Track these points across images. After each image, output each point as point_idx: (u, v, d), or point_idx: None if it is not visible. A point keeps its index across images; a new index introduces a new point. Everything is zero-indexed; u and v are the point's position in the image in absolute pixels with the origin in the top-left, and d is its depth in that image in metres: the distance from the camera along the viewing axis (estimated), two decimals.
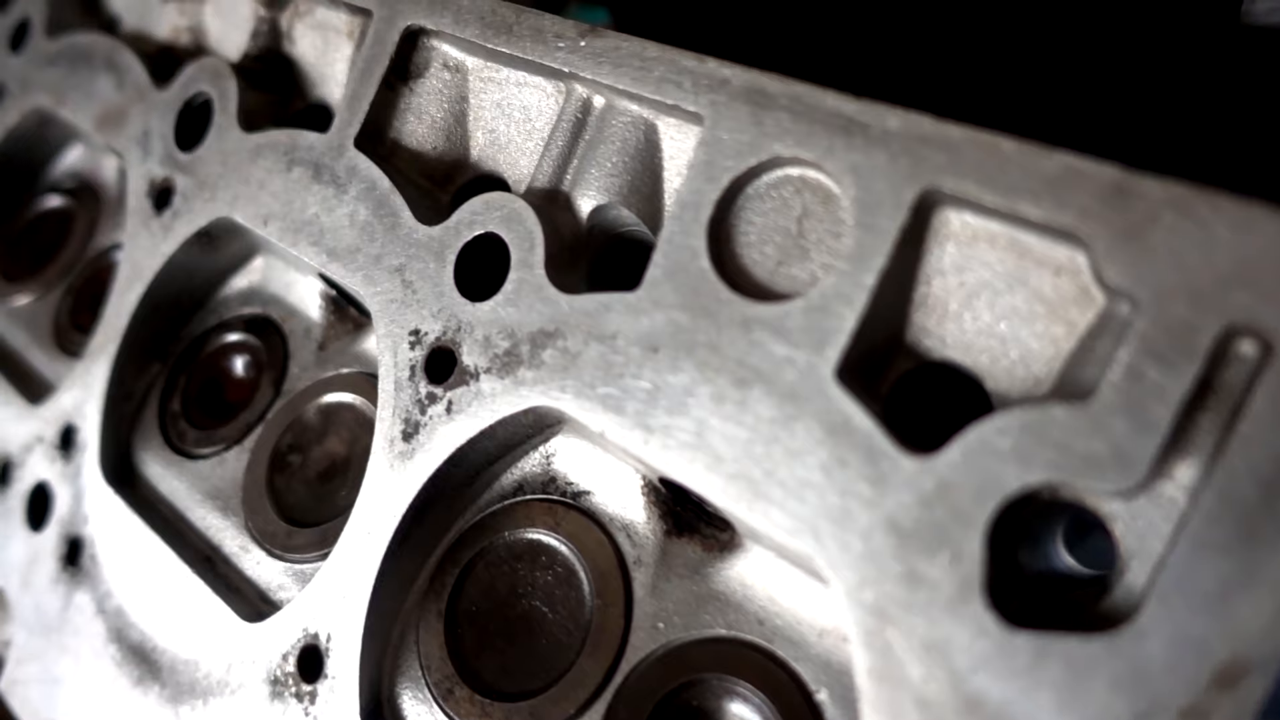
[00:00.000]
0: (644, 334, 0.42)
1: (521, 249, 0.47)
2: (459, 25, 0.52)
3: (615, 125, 0.48)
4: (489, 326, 0.47)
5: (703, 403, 0.40)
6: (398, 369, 0.50)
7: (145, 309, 0.64)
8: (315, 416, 0.59)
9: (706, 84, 0.43)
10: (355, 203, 0.54)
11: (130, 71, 0.69)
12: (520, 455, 0.50)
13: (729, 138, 0.42)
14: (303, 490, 0.57)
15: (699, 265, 0.42)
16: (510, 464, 0.50)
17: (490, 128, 0.55)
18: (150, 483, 0.63)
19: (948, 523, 0.34)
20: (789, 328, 0.39)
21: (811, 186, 0.41)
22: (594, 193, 0.48)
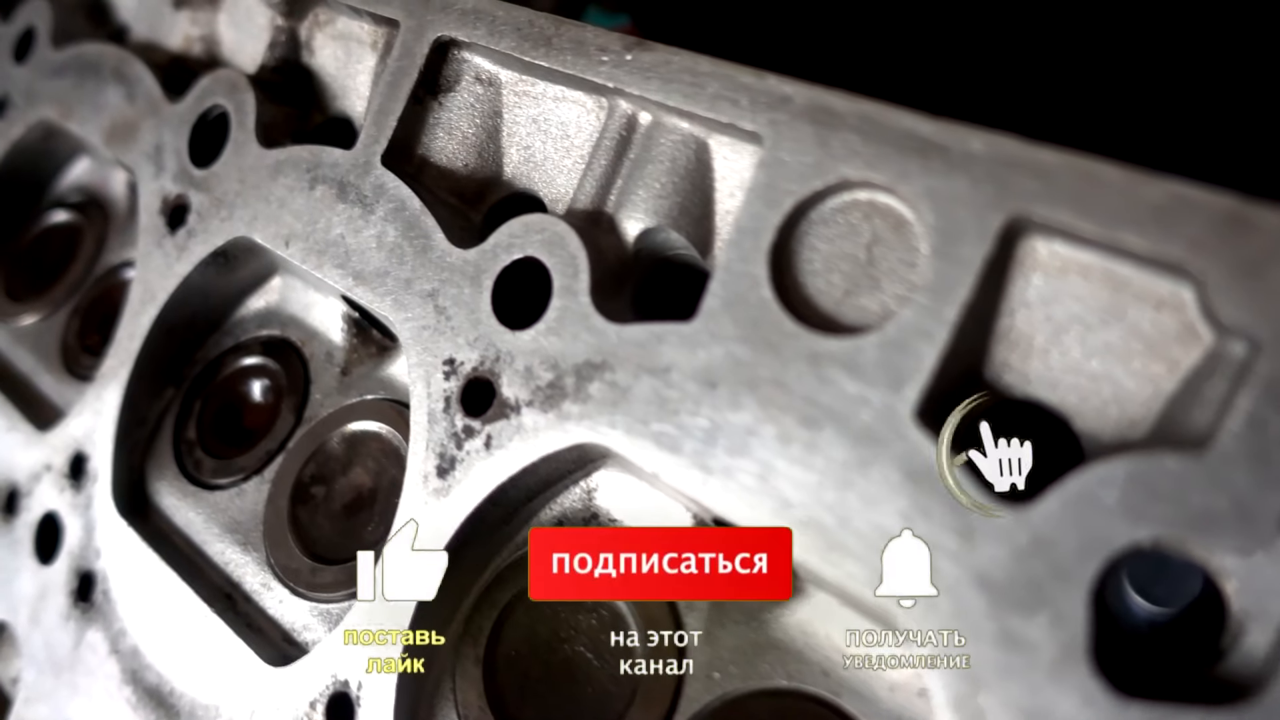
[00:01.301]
0: (701, 368, 0.40)
1: (565, 275, 0.44)
2: (493, 37, 0.50)
3: (663, 144, 0.45)
4: (530, 357, 0.45)
5: (767, 443, 0.38)
6: (431, 400, 0.47)
7: (159, 332, 0.61)
8: (339, 446, 0.56)
9: (766, 102, 0.40)
10: (383, 223, 0.51)
11: (141, 83, 0.67)
12: (561, 490, 0.47)
13: (792, 159, 0.39)
14: (327, 524, 0.55)
15: (761, 295, 0.39)
16: (550, 499, 0.48)
17: (525, 144, 0.52)
18: (165, 514, 0.60)
19: (1047, 580, 0.31)
20: (863, 364, 0.36)
21: (882, 212, 0.38)
22: (641, 215, 0.46)
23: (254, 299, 0.64)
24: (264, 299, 0.64)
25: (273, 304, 0.63)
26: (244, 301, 0.64)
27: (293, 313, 0.62)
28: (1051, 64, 0.83)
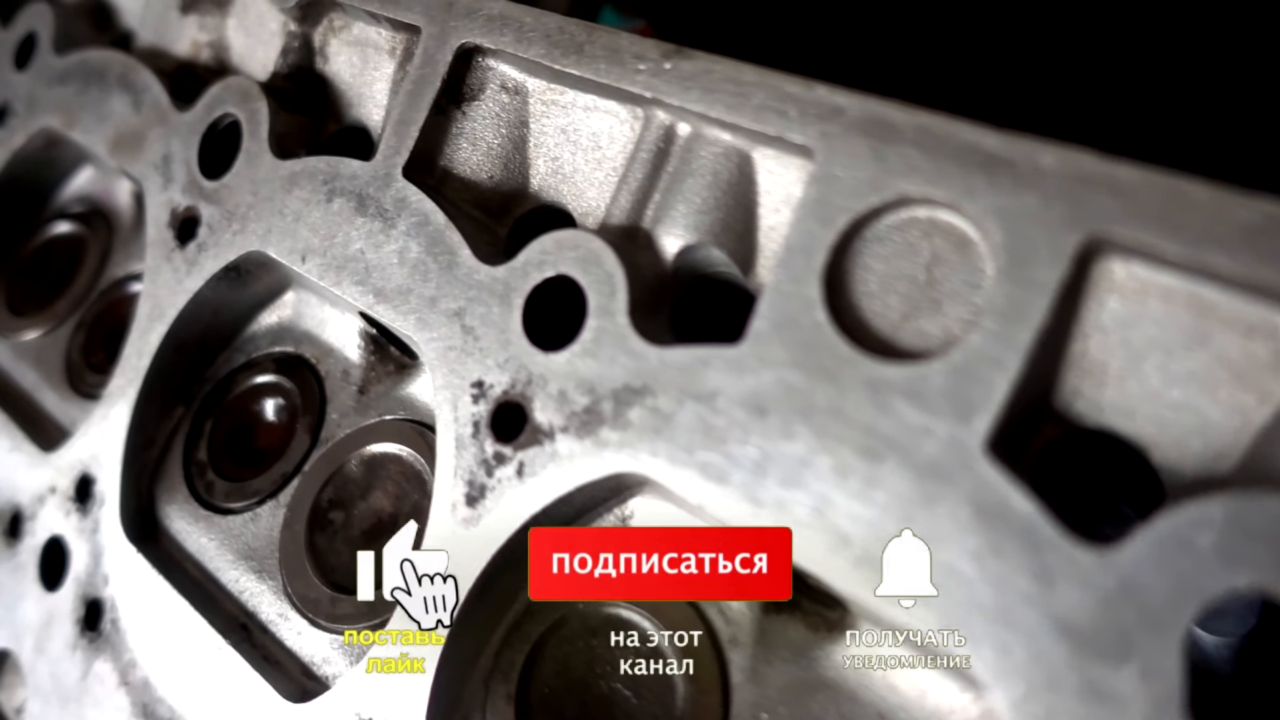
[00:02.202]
0: (750, 394, 0.38)
1: (601, 294, 0.42)
2: (521, 44, 0.48)
3: (704, 156, 0.43)
4: (564, 380, 0.42)
5: (823, 475, 0.35)
6: (459, 424, 0.45)
7: (168, 349, 0.59)
8: (358, 469, 0.54)
9: (816, 113, 0.38)
10: (405, 238, 0.49)
11: (148, 91, 0.64)
12: (594, 518, 0.45)
13: (846, 174, 0.37)
14: (346, 552, 0.52)
15: (814, 318, 0.37)
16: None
17: (553, 155, 0.50)
18: (176, 539, 0.58)
19: (1135, 629, 0.29)
20: (927, 392, 0.34)
21: (943, 230, 0.36)
22: (680, 230, 0.43)
23: (266, 314, 0.62)
24: (276, 314, 0.61)
25: (286, 320, 0.61)
26: (256, 317, 0.62)
27: (307, 329, 0.60)
28: (1076, 65, 0.81)
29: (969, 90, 0.77)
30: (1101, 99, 0.76)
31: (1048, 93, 0.72)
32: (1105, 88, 0.76)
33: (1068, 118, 0.71)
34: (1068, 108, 0.72)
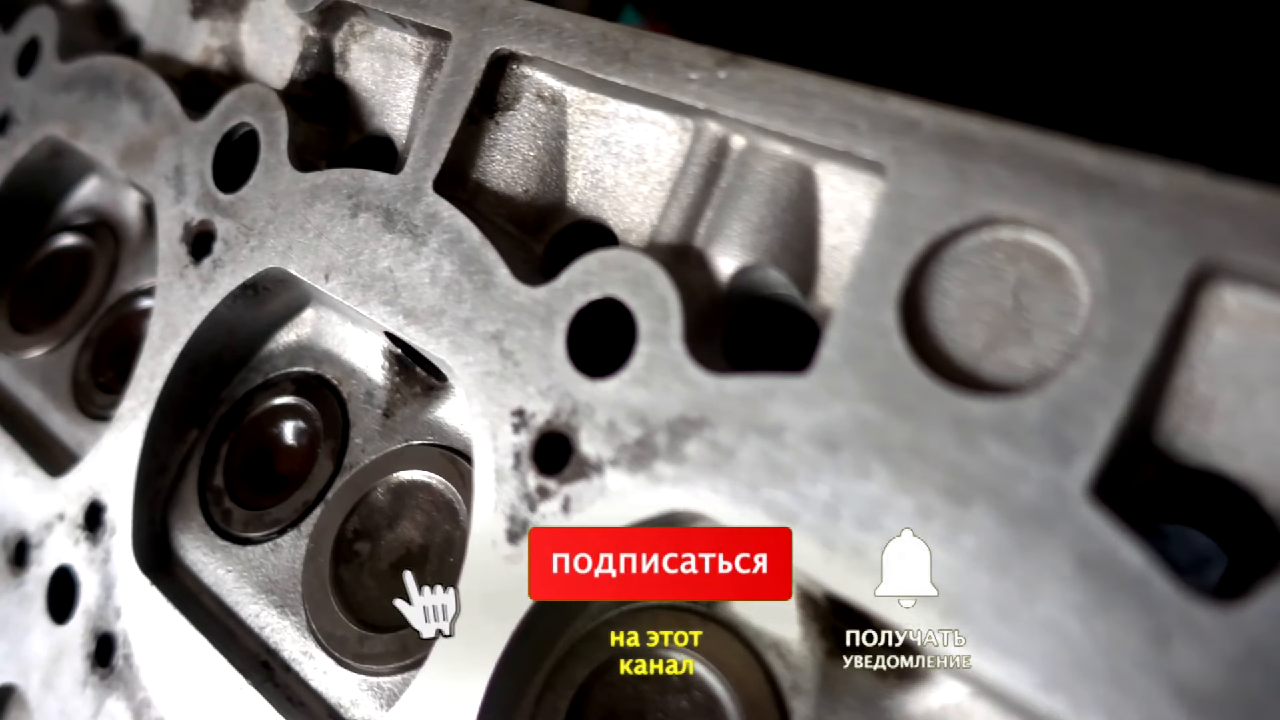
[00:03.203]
0: (819, 429, 0.35)
1: (653, 318, 0.40)
2: (560, 51, 0.45)
3: (761, 171, 0.41)
4: (613, 409, 0.40)
5: (904, 518, 0.33)
6: (498, 455, 0.42)
7: (182, 370, 0.56)
8: (385, 497, 0.51)
9: (889, 127, 0.36)
10: (437, 256, 0.46)
11: (158, 99, 0.62)
12: None
13: (923, 192, 0.35)
14: (374, 586, 0.50)
15: (890, 347, 0.34)
16: None
17: (593, 168, 0.47)
18: (192, 570, 0.55)
19: (1267, 697, 0.27)
20: (1021, 430, 0.31)
21: (1031, 253, 0.33)
22: (736, 250, 0.41)
23: (284, 333, 0.59)
24: (295, 333, 0.59)
25: (305, 338, 0.58)
26: (273, 336, 0.59)
27: (327, 348, 0.58)
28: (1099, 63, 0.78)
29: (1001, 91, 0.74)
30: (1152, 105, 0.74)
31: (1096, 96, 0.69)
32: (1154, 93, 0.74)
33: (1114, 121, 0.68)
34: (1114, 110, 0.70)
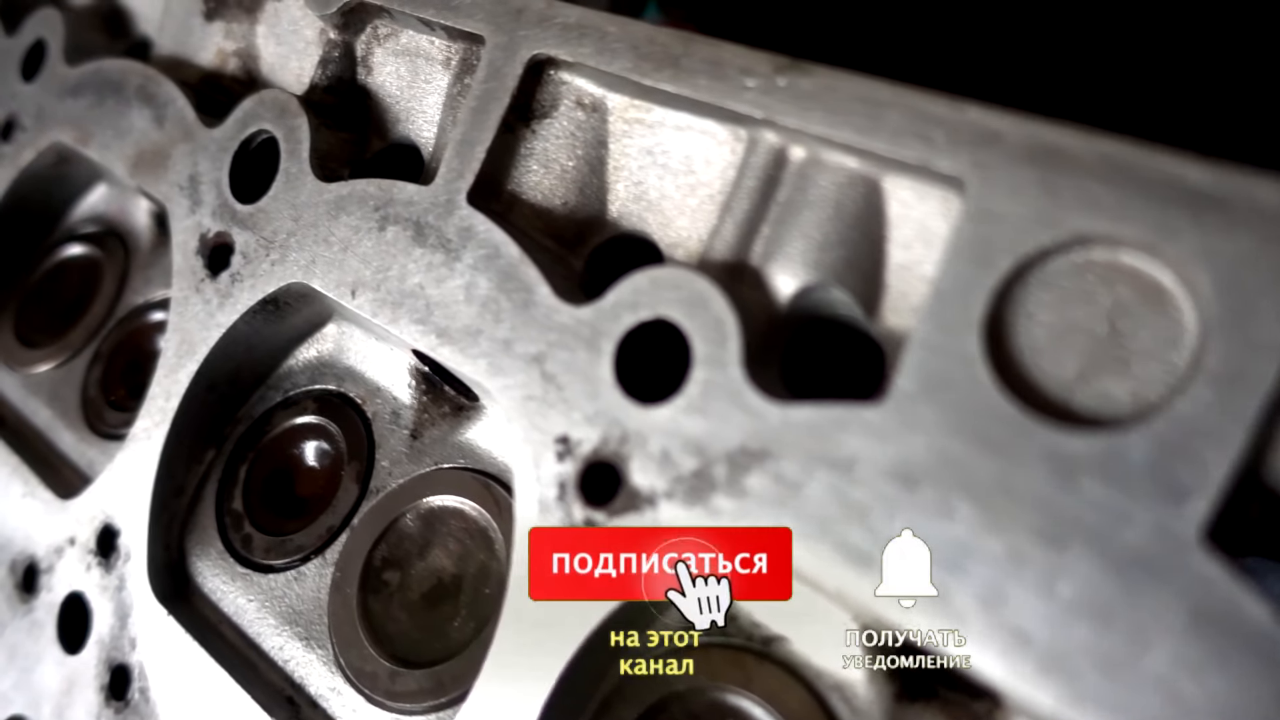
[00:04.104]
0: (896, 464, 0.33)
1: (709, 342, 0.37)
2: (603, 56, 0.42)
3: (823, 185, 0.38)
4: (667, 438, 0.37)
5: (993, 562, 0.31)
6: (542, 485, 0.40)
7: (199, 388, 0.54)
8: (415, 523, 0.49)
9: (968, 139, 0.33)
10: (472, 272, 0.44)
11: (171, 104, 0.59)
12: None
13: (1007, 210, 0.32)
14: (405, 618, 0.47)
15: (973, 376, 0.32)
16: None
17: (636, 179, 0.45)
18: (211, 599, 0.53)
19: None
20: (1124, 469, 0.29)
21: (1129, 276, 0.31)
22: (797, 268, 0.39)
23: (304, 349, 0.56)
24: (316, 349, 0.56)
25: (326, 354, 0.56)
26: (293, 352, 0.56)
27: (350, 364, 0.55)
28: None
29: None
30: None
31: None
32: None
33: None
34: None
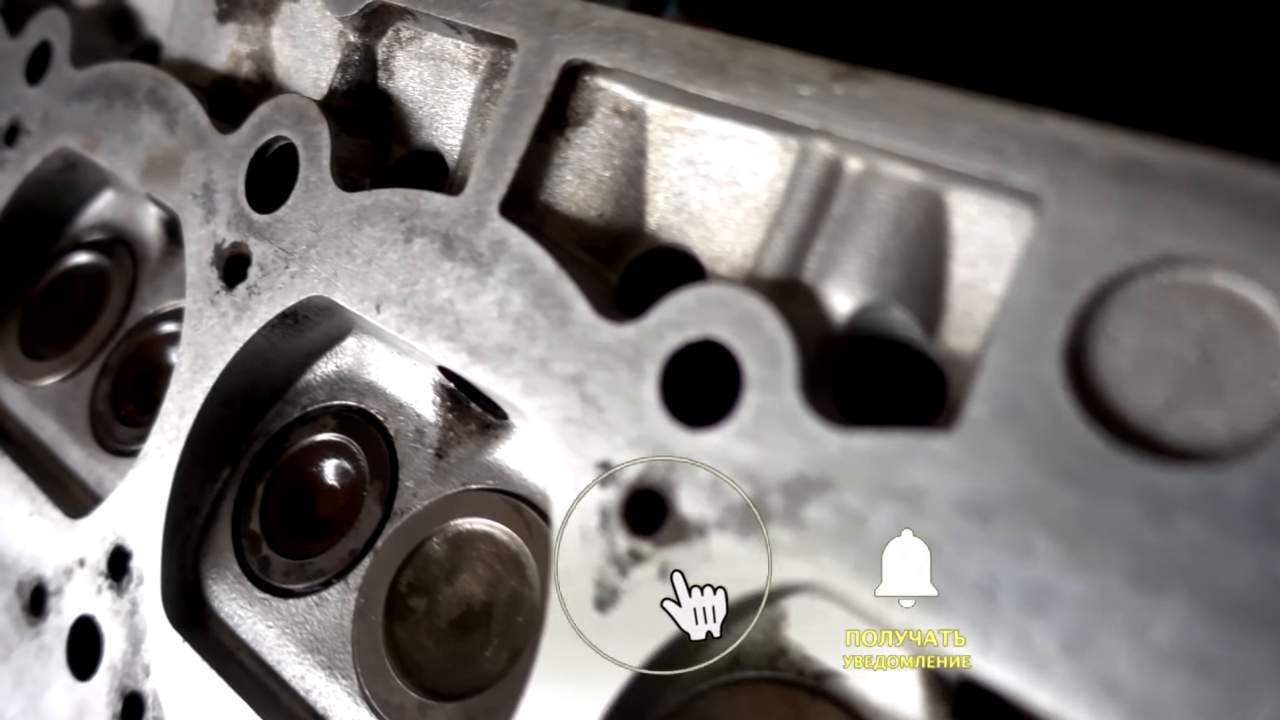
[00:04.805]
0: (969, 497, 0.31)
1: (761, 363, 0.35)
2: (644, 62, 0.41)
3: (882, 198, 0.36)
4: (718, 464, 0.36)
5: (1077, 604, 0.29)
6: (582, 512, 0.38)
7: (214, 405, 0.52)
8: (442, 547, 0.47)
9: (1045, 151, 0.32)
10: (505, 288, 0.42)
11: (183, 109, 0.57)
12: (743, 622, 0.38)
13: (1089, 227, 0.30)
14: (433, 647, 0.45)
15: (1053, 403, 0.30)
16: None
17: (676, 190, 0.43)
18: (228, 625, 0.51)
19: None
20: (1225, 507, 0.27)
21: (1221, 298, 0.29)
22: (854, 286, 0.37)
23: (323, 363, 0.54)
24: (335, 363, 0.54)
25: (346, 369, 0.54)
26: (311, 366, 0.54)
27: (370, 380, 0.53)
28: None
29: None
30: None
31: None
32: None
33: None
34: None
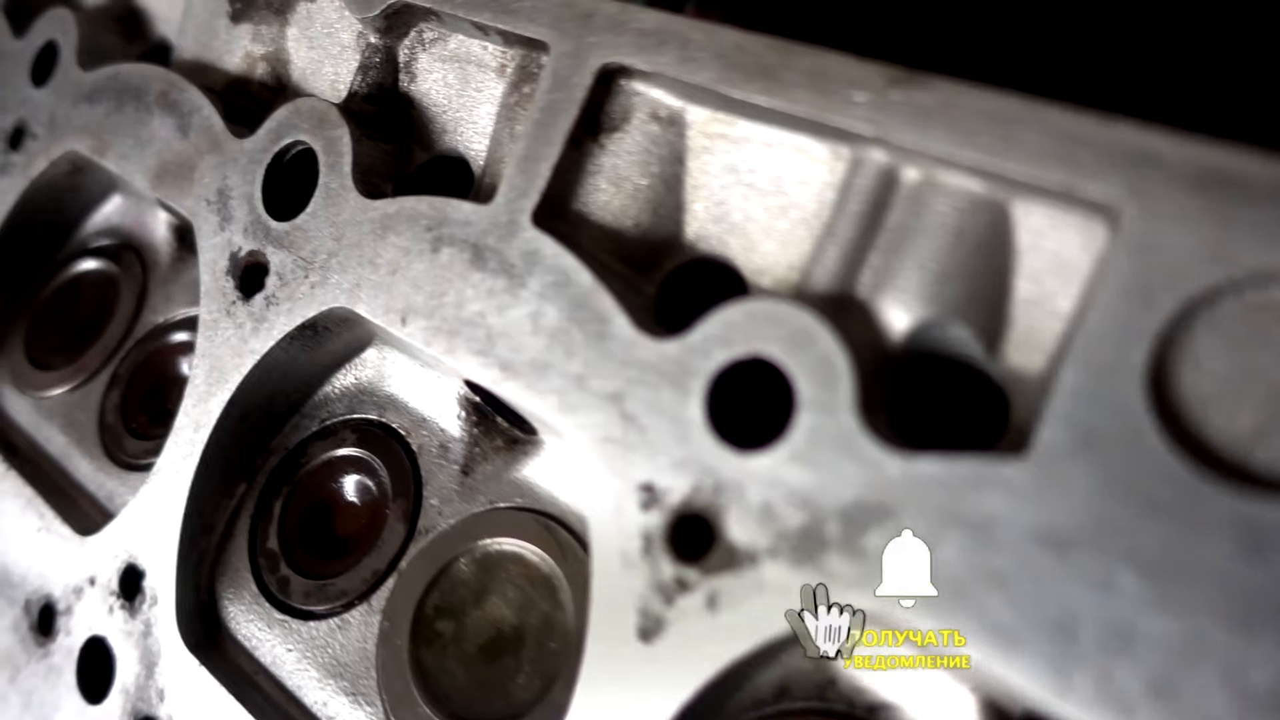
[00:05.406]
0: (1042, 527, 0.29)
1: (816, 384, 0.34)
2: (686, 66, 0.39)
3: (941, 210, 0.35)
4: (769, 490, 0.34)
5: (1165, 644, 0.27)
6: (624, 536, 0.36)
7: (230, 419, 0.50)
8: (469, 568, 0.45)
9: (1121, 160, 0.30)
10: (539, 301, 0.40)
11: (197, 113, 0.55)
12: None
13: (1172, 243, 0.29)
14: (461, 672, 0.44)
15: (1135, 429, 0.28)
16: (775, 662, 0.37)
17: (717, 199, 0.41)
18: (245, 647, 0.49)
19: None
20: None
21: None
22: (913, 301, 0.35)
23: (342, 375, 0.53)
24: (354, 375, 0.53)
25: (366, 381, 0.52)
26: (330, 378, 0.53)
27: (391, 392, 0.51)
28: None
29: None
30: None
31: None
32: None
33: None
34: None
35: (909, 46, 0.68)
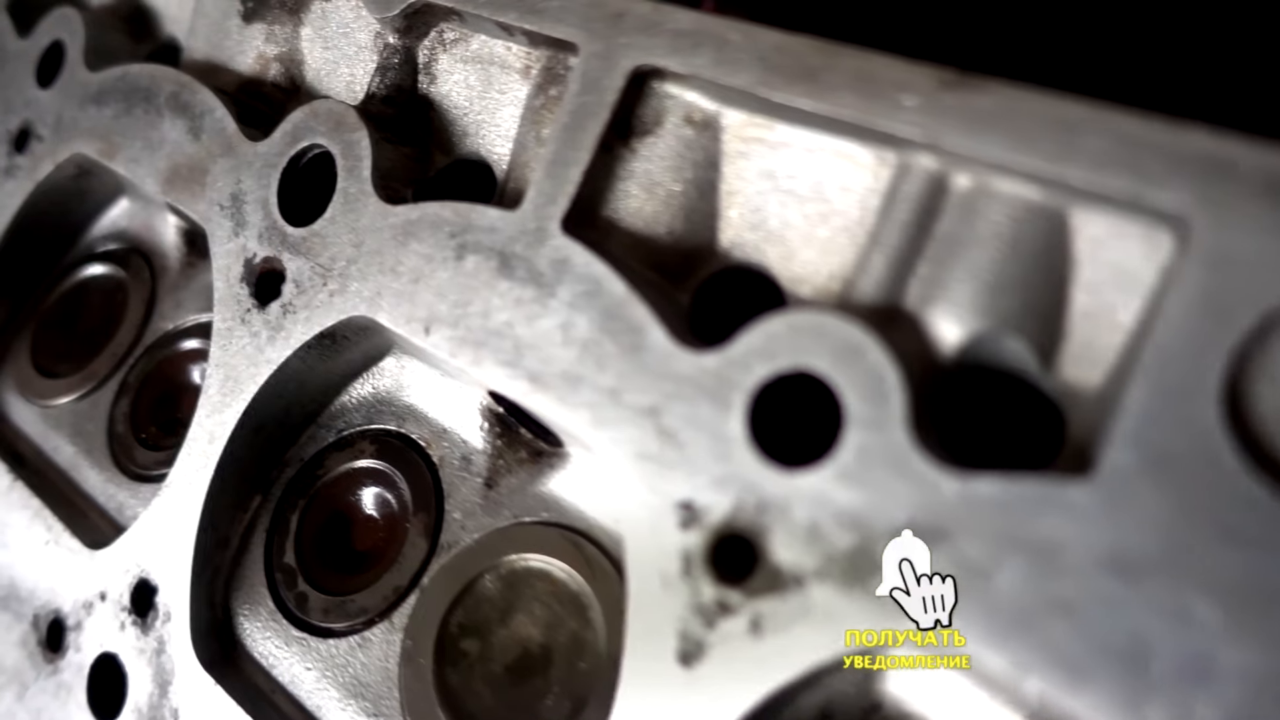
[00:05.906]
0: (1112, 553, 0.28)
1: (865, 399, 0.32)
2: (723, 68, 0.37)
3: (995, 218, 0.33)
4: (816, 509, 0.33)
5: (1247, 679, 0.26)
6: (662, 556, 0.35)
7: (246, 430, 0.49)
8: (495, 585, 0.44)
9: (1192, 168, 0.29)
10: (570, 311, 0.39)
11: (209, 115, 0.54)
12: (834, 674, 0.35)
13: (1249, 255, 0.28)
14: (488, 694, 0.42)
15: (1210, 450, 0.27)
16: (817, 687, 0.36)
17: (753, 205, 0.40)
18: (262, 665, 0.48)
19: None
20: None
21: None
22: (965, 313, 0.34)
23: (359, 384, 0.51)
24: (372, 384, 0.51)
25: (384, 391, 0.51)
26: (347, 388, 0.51)
27: (410, 402, 0.50)
28: None
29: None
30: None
31: None
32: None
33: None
34: None
35: (938, 46, 0.67)
